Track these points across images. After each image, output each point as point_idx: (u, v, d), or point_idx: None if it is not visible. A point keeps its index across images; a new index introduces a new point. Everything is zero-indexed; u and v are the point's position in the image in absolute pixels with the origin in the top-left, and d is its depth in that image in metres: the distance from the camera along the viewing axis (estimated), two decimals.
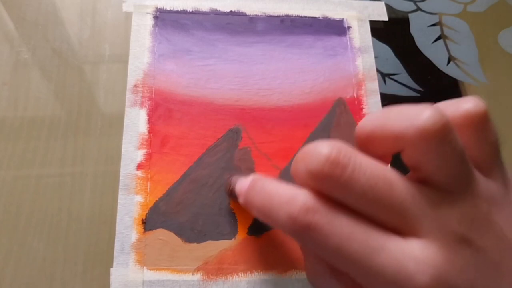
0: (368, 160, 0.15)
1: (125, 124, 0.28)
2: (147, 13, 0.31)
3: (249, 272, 0.25)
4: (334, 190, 0.15)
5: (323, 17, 0.33)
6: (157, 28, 0.31)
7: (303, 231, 0.15)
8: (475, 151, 0.17)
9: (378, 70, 0.32)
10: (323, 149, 0.15)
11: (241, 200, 0.19)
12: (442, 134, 0.14)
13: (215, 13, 0.32)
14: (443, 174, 0.15)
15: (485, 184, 0.16)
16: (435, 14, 0.36)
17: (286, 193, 0.16)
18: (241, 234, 0.26)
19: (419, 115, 0.15)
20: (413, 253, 0.14)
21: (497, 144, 0.17)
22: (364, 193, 0.15)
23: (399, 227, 0.15)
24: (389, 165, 0.19)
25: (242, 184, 0.19)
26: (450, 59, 0.34)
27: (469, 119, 0.16)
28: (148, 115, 0.28)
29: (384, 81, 0.32)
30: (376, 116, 0.16)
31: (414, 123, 0.14)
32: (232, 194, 0.24)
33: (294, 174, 0.16)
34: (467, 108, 0.16)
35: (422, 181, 0.16)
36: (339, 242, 0.15)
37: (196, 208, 0.26)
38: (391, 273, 0.14)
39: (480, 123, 0.17)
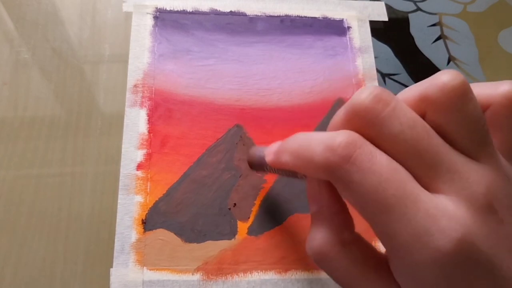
0: (407, 106, 0.15)
1: (125, 124, 0.28)
2: (147, 13, 0.31)
3: (249, 272, 0.25)
4: (373, 126, 0.15)
5: (323, 17, 0.33)
6: (157, 28, 0.31)
7: (342, 164, 0.15)
8: (504, 134, 0.17)
9: (378, 70, 0.32)
10: (366, 88, 0.15)
11: (270, 157, 0.19)
12: (462, 90, 0.15)
13: (215, 13, 0.32)
14: (466, 135, 0.15)
15: (507, 164, 0.16)
16: (435, 14, 0.36)
17: (327, 133, 0.16)
18: (241, 234, 0.26)
19: (439, 76, 0.15)
20: (446, 209, 0.14)
21: None
22: (403, 133, 0.15)
23: (430, 179, 0.15)
24: None
25: (273, 144, 0.20)
26: (450, 59, 0.34)
27: (506, 99, 0.16)
28: (148, 115, 0.28)
29: (384, 81, 0.32)
30: (400, 92, 0.17)
31: (435, 82, 0.15)
32: (253, 162, 0.23)
33: (332, 122, 0.16)
34: (508, 89, 0.16)
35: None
36: (377, 183, 0.14)
37: (196, 208, 0.26)
38: (422, 225, 0.14)
39: None
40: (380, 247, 0.17)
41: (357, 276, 0.17)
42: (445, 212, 0.14)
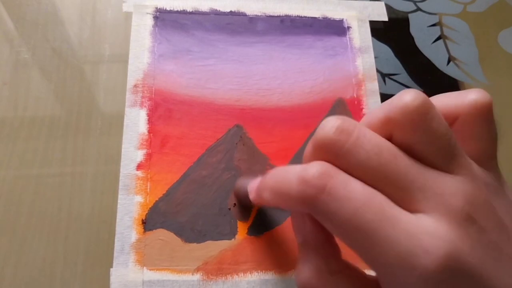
0: (371, 132, 0.15)
1: (125, 124, 0.28)
2: (147, 13, 0.31)
3: (249, 272, 0.25)
4: (339, 158, 0.15)
5: (323, 17, 0.33)
6: (157, 28, 0.31)
7: (317, 195, 0.15)
8: (476, 142, 0.17)
9: (378, 70, 0.32)
10: (328, 121, 0.15)
11: (252, 195, 0.20)
12: (423, 109, 0.15)
13: (215, 13, 0.32)
14: (433, 152, 0.15)
15: (481, 172, 0.17)
16: (435, 14, 0.36)
17: (300, 166, 0.16)
18: (241, 234, 0.26)
19: (400, 97, 0.15)
20: (427, 227, 0.14)
21: (496, 138, 0.18)
22: (369, 160, 0.15)
23: (405, 200, 0.15)
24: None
25: (255, 181, 0.20)
26: (450, 59, 0.34)
27: (474, 109, 0.17)
28: (148, 115, 0.28)
29: (384, 81, 0.32)
30: (366, 115, 0.17)
31: (397, 104, 0.15)
32: (239, 196, 0.25)
33: (304, 156, 0.16)
34: (474, 98, 0.17)
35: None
36: (354, 210, 0.14)
37: (196, 208, 0.26)
38: (404, 247, 0.14)
39: (486, 114, 0.17)
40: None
41: None
42: (426, 231, 0.14)
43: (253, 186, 0.20)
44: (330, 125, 0.15)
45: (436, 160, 0.15)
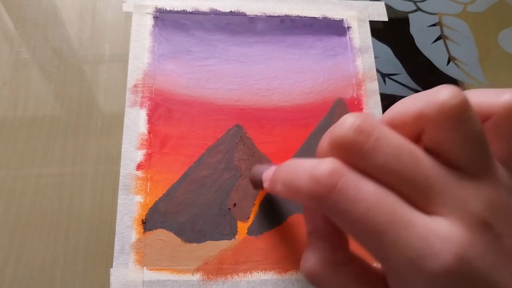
0: (393, 132, 0.15)
1: (125, 124, 0.28)
2: (147, 13, 0.31)
3: (249, 272, 0.25)
4: (357, 159, 0.15)
5: (323, 17, 0.33)
6: (157, 28, 0.31)
7: (327, 194, 0.15)
8: (506, 144, 0.17)
9: (378, 70, 0.32)
10: (348, 118, 0.15)
11: (266, 184, 0.20)
12: (461, 109, 0.14)
13: (215, 13, 0.32)
14: (464, 154, 0.15)
15: (505, 175, 0.16)
16: (435, 14, 0.36)
17: (312, 161, 0.16)
18: (241, 234, 0.26)
19: (437, 93, 0.15)
20: (439, 230, 0.14)
21: None
22: (388, 163, 0.14)
23: (422, 203, 0.15)
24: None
25: (270, 169, 0.20)
26: (450, 59, 0.34)
27: (509, 110, 0.16)
28: (148, 115, 0.28)
29: (384, 81, 0.32)
30: (396, 104, 0.16)
31: (433, 100, 0.15)
32: (255, 183, 0.24)
33: (318, 149, 0.16)
34: (509, 99, 0.16)
35: (444, 164, 0.15)
36: (366, 210, 0.14)
37: (196, 208, 0.26)
38: (415, 249, 0.14)
39: None
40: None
41: None
42: (439, 234, 0.14)
43: (267, 175, 0.20)
44: (350, 123, 0.15)
45: (464, 162, 0.15)
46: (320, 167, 0.15)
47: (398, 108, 0.16)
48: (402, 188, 0.15)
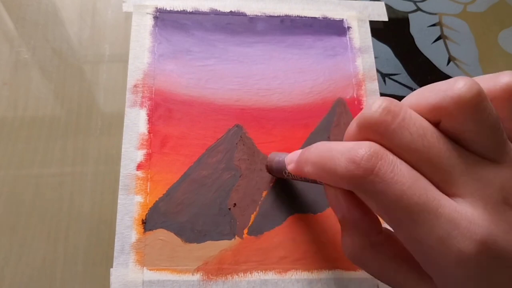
0: (417, 114, 0.16)
1: (125, 124, 0.28)
2: (147, 13, 0.31)
3: (249, 272, 0.25)
4: (385, 138, 0.15)
5: (323, 17, 0.33)
6: (157, 28, 0.31)
7: (365, 176, 0.15)
8: (505, 123, 0.17)
9: (378, 70, 0.32)
10: (376, 101, 0.16)
11: (291, 166, 0.20)
12: (477, 100, 0.15)
13: (215, 13, 0.32)
14: (480, 142, 0.15)
15: None
16: (435, 14, 0.36)
17: (348, 144, 0.16)
18: (241, 234, 0.26)
19: (453, 85, 0.15)
20: (465, 211, 0.15)
21: None
22: (413, 142, 0.15)
23: (444, 184, 0.15)
24: None
25: (294, 153, 0.20)
26: (450, 59, 0.34)
27: (508, 92, 0.16)
28: (148, 115, 0.28)
29: (384, 81, 0.32)
30: (410, 95, 0.17)
31: (449, 92, 0.15)
32: (271, 168, 0.25)
33: (346, 133, 0.17)
34: (507, 81, 0.16)
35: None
36: (401, 192, 0.15)
37: (196, 208, 0.26)
38: (444, 230, 0.14)
39: None
40: None
41: (391, 271, 0.18)
42: (464, 215, 0.15)
43: (292, 157, 0.21)
44: (377, 105, 0.15)
45: (482, 149, 0.15)
46: (360, 150, 0.15)
47: (413, 100, 0.17)
48: (427, 168, 0.15)
